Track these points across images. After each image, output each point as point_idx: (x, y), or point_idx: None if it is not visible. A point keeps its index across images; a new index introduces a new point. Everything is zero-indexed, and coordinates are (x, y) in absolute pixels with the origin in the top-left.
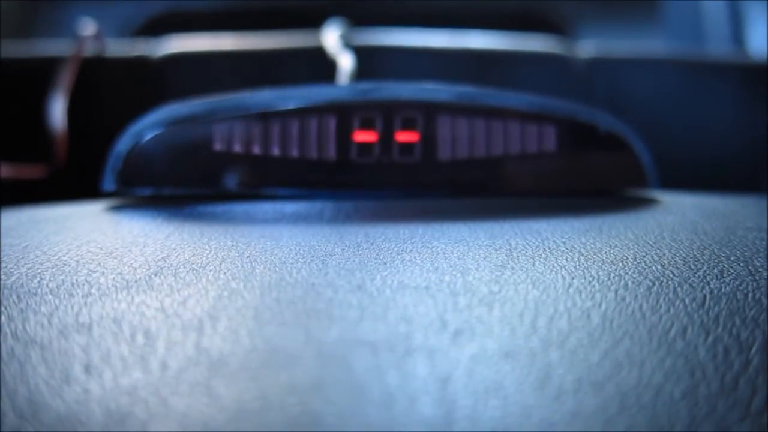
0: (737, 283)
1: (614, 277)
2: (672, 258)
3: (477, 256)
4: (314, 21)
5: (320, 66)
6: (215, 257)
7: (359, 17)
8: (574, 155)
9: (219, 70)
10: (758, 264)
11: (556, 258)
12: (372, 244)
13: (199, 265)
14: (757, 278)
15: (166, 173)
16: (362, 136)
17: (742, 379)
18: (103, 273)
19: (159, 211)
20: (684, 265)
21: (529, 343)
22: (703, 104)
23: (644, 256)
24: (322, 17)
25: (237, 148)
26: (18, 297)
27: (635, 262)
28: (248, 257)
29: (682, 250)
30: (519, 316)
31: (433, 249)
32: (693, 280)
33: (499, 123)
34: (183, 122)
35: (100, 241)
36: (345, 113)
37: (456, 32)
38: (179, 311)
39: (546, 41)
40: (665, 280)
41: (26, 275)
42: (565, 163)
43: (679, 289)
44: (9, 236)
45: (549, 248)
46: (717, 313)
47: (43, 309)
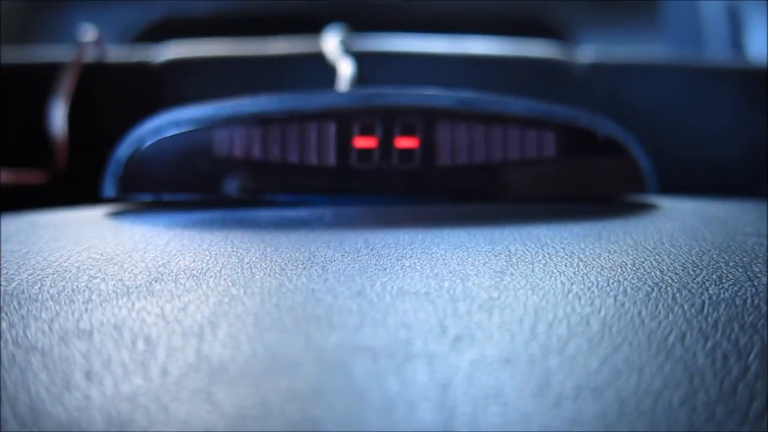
0: (736, 289)
1: (613, 283)
2: (671, 264)
3: (476, 262)
4: (314, 27)
5: (320, 72)
6: (215, 263)
7: (359, 23)
8: (574, 161)
9: (219, 76)
10: (757, 269)
11: (556, 264)
12: (372, 250)
13: (200, 272)
14: (756, 284)
15: (167, 179)
16: (362, 142)
17: (741, 385)
18: (104, 279)
19: (159, 217)
20: (683, 271)
21: (529, 349)
22: (703, 109)
23: (643, 262)
24: (322, 23)
25: (237, 154)
26: (19, 303)
27: (634, 268)
28: (248, 263)
29: (681, 256)
30: (518, 322)
31: (433, 255)
32: (692, 286)
33: (499, 129)
34: (183, 128)
35: (101, 247)
36: (345, 119)
37: (456, 38)
38: (179, 317)
39: (545, 47)
40: (664, 286)
41: (27, 281)
42: (565, 169)
43: (678, 295)
44: (9, 242)
45: (548, 254)
46: (716, 319)
47: (44, 315)
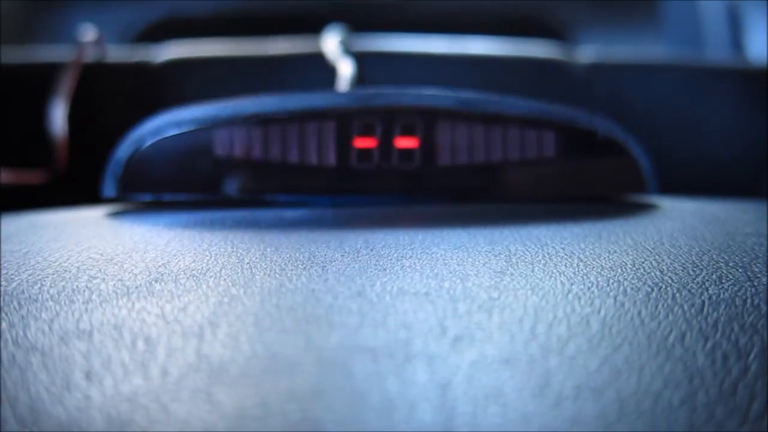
0: (736, 289)
1: (613, 283)
2: (671, 264)
3: (476, 262)
4: (314, 27)
5: (320, 72)
6: (215, 263)
7: (359, 23)
8: (574, 161)
9: (219, 76)
10: (757, 270)
11: (555, 264)
12: (372, 250)
13: (200, 272)
14: (756, 284)
15: (167, 179)
16: (362, 142)
17: (741, 385)
18: (104, 279)
19: (159, 217)
20: (683, 271)
21: (529, 350)
22: (703, 109)
23: (643, 262)
24: (322, 23)
25: (237, 154)
26: (19, 303)
27: (634, 268)
28: (248, 263)
29: (681, 256)
30: (518, 323)
31: (433, 255)
32: (692, 286)
33: (499, 129)
34: (183, 128)
35: (101, 248)
36: (345, 119)
37: (456, 38)
38: (179, 318)
39: (545, 47)
40: (664, 286)
41: (27, 281)
42: (565, 169)
43: (678, 295)
44: (9, 242)
45: (548, 254)
46: (716, 319)
47: (44, 315)
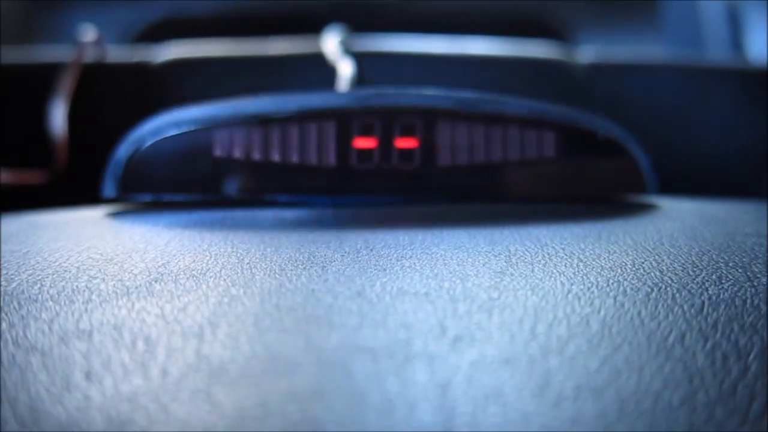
0: (736, 289)
1: (613, 284)
2: (671, 264)
3: (476, 263)
4: (314, 27)
5: (320, 72)
6: (215, 264)
7: (359, 23)
8: (574, 161)
9: (219, 76)
10: (757, 270)
11: (555, 264)
12: (371, 251)
13: (199, 272)
14: (756, 284)
15: (167, 179)
16: (362, 143)
17: (741, 386)
18: (104, 279)
19: (159, 218)
20: (682, 271)
21: (529, 350)
22: (703, 110)
23: (643, 262)
24: (322, 23)
25: (237, 154)
26: (19, 303)
27: (634, 268)
28: (248, 263)
29: (681, 256)
30: (518, 323)
31: (433, 255)
32: (691, 287)
33: (499, 129)
34: (183, 128)
35: (101, 248)
36: (345, 119)
37: (456, 38)
38: (179, 318)
39: (546, 47)
40: (664, 287)
41: (27, 282)
42: (565, 169)
43: (678, 296)
44: (9, 242)
45: (548, 254)
46: (715, 320)
47: (44, 315)
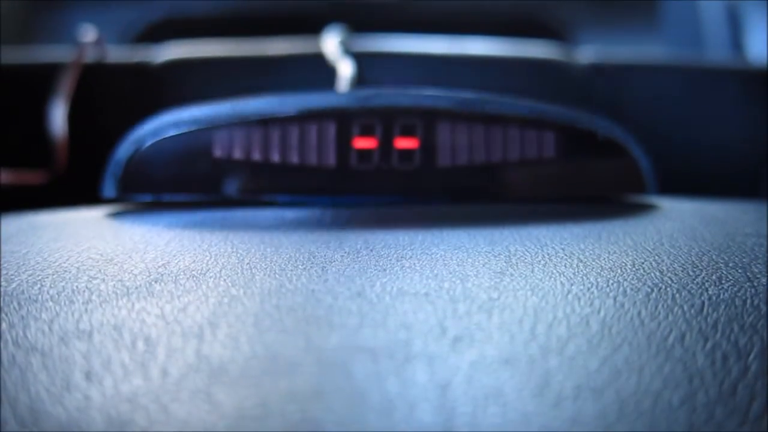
0: (735, 290)
1: (613, 284)
2: (671, 264)
3: (476, 263)
4: (314, 27)
5: (320, 72)
6: (215, 264)
7: (359, 23)
8: (573, 161)
9: (219, 77)
10: (756, 270)
11: (555, 264)
12: (371, 251)
13: (199, 272)
14: (756, 284)
15: (167, 179)
16: (362, 143)
17: (741, 386)
18: (104, 280)
19: (159, 218)
20: (682, 272)
21: (529, 350)
22: (703, 110)
23: (643, 263)
24: (322, 23)
25: (237, 155)
26: (19, 304)
27: (634, 269)
28: (248, 264)
29: (681, 257)
30: (518, 323)
31: (433, 256)
32: (691, 287)
33: (499, 129)
34: (183, 128)
35: (101, 248)
36: (344, 120)
37: (455, 38)
38: (179, 318)
39: (545, 47)
40: (664, 287)
41: (27, 282)
42: (564, 170)
43: (678, 296)
44: (9, 243)
45: (548, 255)
46: (715, 320)
47: (44, 316)
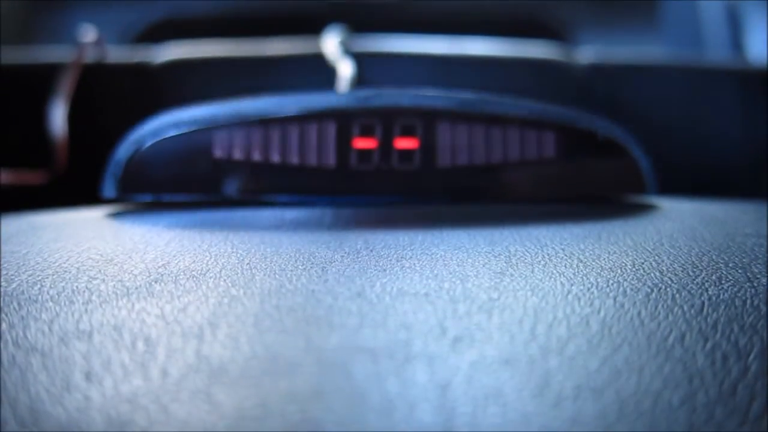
0: (735, 290)
1: (613, 284)
2: (671, 264)
3: (476, 263)
4: (314, 27)
5: (320, 72)
6: (215, 264)
7: (359, 23)
8: (573, 162)
9: (219, 77)
10: (756, 270)
11: (555, 265)
12: (371, 251)
13: (199, 272)
14: (756, 285)
15: (167, 180)
16: (362, 143)
17: (741, 386)
18: (104, 280)
19: (159, 218)
20: (682, 272)
21: (529, 350)
22: (703, 110)
23: (643, 263)
24: (322, 23)
25: (237, 155)
26: (19, 304)
27: (634, 269)
28: (248, 264)
29: (681, 257)
30: (518, 323)
31: (433, 256)
32: (691, 287)
33: (499, 130)
34: (183, 129)
35: (101, 248)
36: (344, 120)
37: (455, 39)
38: (179, 318)
39: (545, 47)
40: (664, 287)
41: (27, 282)
42: (564, 170)
43: (678, 296)
44: (9, 243)
45: (548, 255)
46: (715, 320)
47: (44, 316)
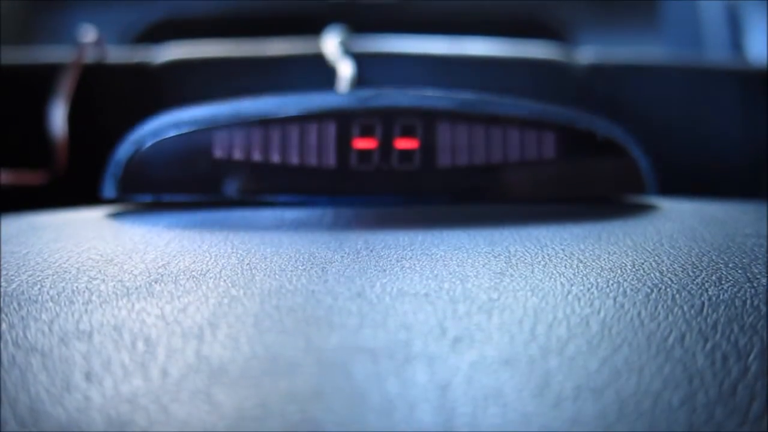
0: (735, 290)
1: (613, 284)
2: (670, 265)
3: (476, 264)
4: (314, 27)
5: (320, 73)
6: (215, 264)
7: (359, 24)
8: (573, 162)
9: (219, 77)
10: (756, 271)
11: (555, 265)
12: (371, 252)
13: (200, 273)
14: (756, 285)
15: (167, 180)
16: (362, 143)
17: (741, 386)
18: (104, 280)
19: (159, 218)
20: (682, 272)
21: (529, 350)
22: (703, 110)
23: (643, 263)
24: (322, 24)
25: (237, 155)
26: (19, 304)
27: (634, 269)
28: (248, 264)
29: (681, 257)
30: (518, 324)
31: (433, 256)
32: (691, 287)
33: (499, 130)
34: (183, 129)
35: (101, 248)
36: (344, 120)
37: (455, 39)
38: (179, 318)
39: (545, 47)
40: (664, 287)
41: (27, 282)
42: (564, 170)
43: (678, 296)
44: (9, 243)
45: (548, 255)
46: (715, 320)
47: (44, 316)
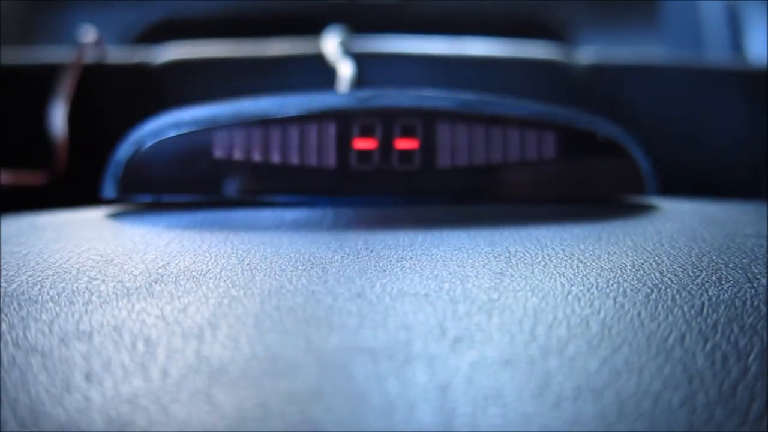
0: (735, 291)
1: (613, 285)
2: (671, 265)
3: (476, 264)
4: (314, 28)
5: (320, 73)
6: (215, 265)
7: (359, 24)
8: (573, 162)
9: (219, 77)
10: (756, 271)
11: (555, 265)
12: (371, 252)
13: (200, 273)
14: (756, 285)
15: (167, 180)
16: (362, 144)
17: (741, 386)
18: (104, 280)
19: (159, 219)
20: (682, 273)
21: (529, 351)
22: (703, 110)
23: (643, 264)
24: (322, 24)
25: (237, 155)
26: (19, 305)
27: (634, 270)
28: (248, 265)
29: (681, 257)
30: (518, 324)
31: (433, 256)
32: (691, 288)
33: (499, 130)
34: (183, 129)
35: (101, 249)
36: (344, 120)
37: (455, 39)
38: (179, 319)
39: (545, 48)
40: (664, 288)
41: (27, 283)
42: (564, 170)
43: (678, 297)
44: (10, 243)
45: (548, 255)
46: (715, 321)
47: (44, 317)
